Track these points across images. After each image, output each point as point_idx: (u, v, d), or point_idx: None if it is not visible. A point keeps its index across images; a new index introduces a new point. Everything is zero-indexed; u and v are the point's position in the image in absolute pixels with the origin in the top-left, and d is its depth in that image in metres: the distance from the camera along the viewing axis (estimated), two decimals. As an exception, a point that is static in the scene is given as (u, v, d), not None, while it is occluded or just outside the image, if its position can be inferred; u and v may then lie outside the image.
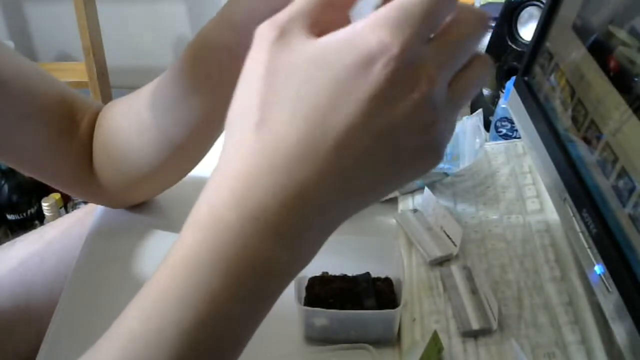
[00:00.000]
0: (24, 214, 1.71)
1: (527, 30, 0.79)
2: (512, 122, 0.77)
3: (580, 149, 0.54)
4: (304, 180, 0.31)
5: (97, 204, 0.74)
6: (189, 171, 0.66)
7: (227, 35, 0.53)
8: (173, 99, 0.58)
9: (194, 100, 0.57)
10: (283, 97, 0.32)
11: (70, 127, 0.64)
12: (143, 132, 0.61)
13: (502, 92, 0.81)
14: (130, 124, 0.63)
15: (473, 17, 0.33)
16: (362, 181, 0.32)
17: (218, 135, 0.61)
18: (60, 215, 1.62)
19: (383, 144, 0.31)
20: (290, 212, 0.31)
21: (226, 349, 0.34)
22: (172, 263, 0.33)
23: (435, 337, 0.53)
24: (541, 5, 0.77)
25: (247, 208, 0.32)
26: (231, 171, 0.33)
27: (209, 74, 0.55)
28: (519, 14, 0.79)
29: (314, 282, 0.60)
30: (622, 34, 0.50)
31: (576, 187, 0.53)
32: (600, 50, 0.53)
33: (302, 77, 0.31)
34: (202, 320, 0.32)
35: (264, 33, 0.33)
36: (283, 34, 0.32)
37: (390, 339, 0.56)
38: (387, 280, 0.60)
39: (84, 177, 0.66)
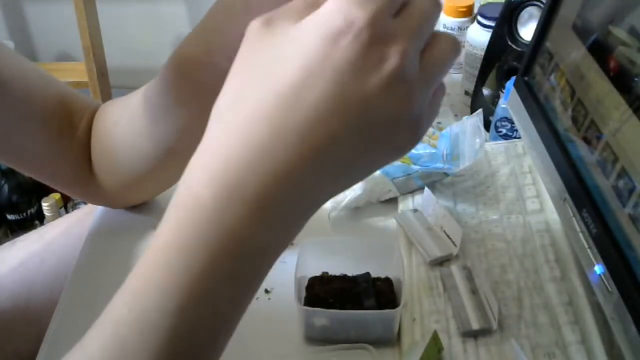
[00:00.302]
0: (24, 214, 1.71)
1: (527, 30, 0.79)
2: (512, 122, 0.77)
3: (580, 149, 0.54)
4: (277, 156, 0.31)
5: (97, 204, 0.74)
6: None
7: (202, 54, 0.53)
8: (161, 108, 0.58)
9: (181, 110, 0.57)
10: (257, 75, 0.32)
11: (69, 127, 0.64)
12: (136, 136, 0.62)
13: (502, 92, 0.81)
14: (124, 127, 0.63)
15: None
16: (338, 157, 0.32)
17: None
18: (60, 215, 1.62)
19: (357, 118, 0.31)
20: (264, 190, 0.31)
21: (213, 332, 0.34)
22: (154, 248, 0.33)
23: (435, 337, 0.53)
24: (541, 5, 0.77)
25: (221, 185, 0.32)
26: (207, 150, 0.33)
27: (197, 88, 0.55)
28: (519, 14, 0.79)
29: (314, 282, 0.60)
30: (622, 34, 0.50)
31: (576, 187, 0.53)
32: (600, 50, 0.53)
33: (276, 55, 0.32)
34: (185, 305, 0.32)
35: (251, 25, 0.33)
36: (268, 23, 0.33)
37: (390, 339, 0.56)
38: (387, 280, 0.60)
39: (83, 178, 0.66)
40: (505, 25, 0.80)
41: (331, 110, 0.31)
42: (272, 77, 0.32)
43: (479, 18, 0.86)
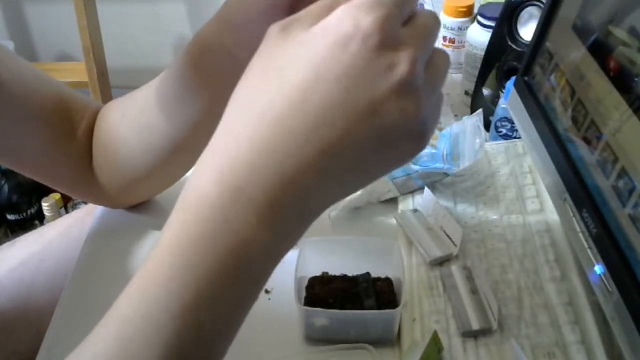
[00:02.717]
0: (24, 214, 1.71)
1: (527, 30, 0.79)
2: (512, 122, 0.77)
3: (580, 149, 0.54)
4: (283, 159, 0.31)
5: (97, 204, 0.74)
6: (189, 170, 0.66)
7: (226, 37, 0.53)
8: (174, 100, 0.58)
9: (194, 101, 0.57)
10: (268, 79, 0.33)
11: (69, 128, 0.64)
12: (142, 134, 0.61)
13: (502, 92, 0.81)
14: (129, 126, 0.62)
15: (429, 12, 0.35)
16: (344, 163, 0.32)
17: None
18: (60, 215, 1.62)
19: (365, 123, 0.31)
20: (270, 191, 0.32)
21: (217, 333, 0.34)
22: (159, 247, 0.34)
23: (435, 337, 0.53)
24: (541, 5, 0.77)
25: (228, 184, 0.32)
26: (216, 149, 0.33)
27: (210, 76, 0.55)
28: (519, 14, 0.79)
29: (314, 282, 0.60)
30: (622, 34, 0.50)
31: (576, 187, 0.53)
32: (600, 50, 0.53)
33: (288, 60, 0.32)
34: (190, 305, 0.32)
35: (270, 29, 0.34)
36: (286, 28, 0.33)
37: (390, 339, 0.56)
38: (387, 280, 0.60)
39: (83, 178, 0.66)
40: (505, 25, 0.80)
41: (339, 115, 0.31)
42: (282, 81, 0.32)
43: (479, 18, 0.86)
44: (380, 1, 0.32)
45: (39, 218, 1.72)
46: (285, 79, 0.32)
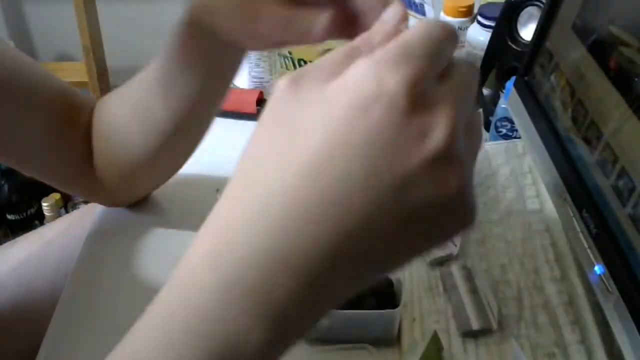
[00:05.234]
0: (24, 214, 1.71)
1: (527, 30, 0.79)
2: (512, 122, 0.77)
3: (580, 149, 0.54)
4: (290, 242, 0.26)
5: (96, 202, 0.74)
6: (185, 161, 0.65)
7: (204, 19, 0.51)
8: (167, 80, 0.56)
9: (187, 81, 0.55)
10: (278, 143, 0.28)
11: (70, 123, 0.64)
12: (141, 117, 0.61)
13: (502, 92, 0.81)
14: (128, 111, 0.62)
15: (466, 62, 0.29)
16: (365, 246, 0.26)
17: (214, 117, 0.60)
18: (60, 215, 1.62)
19: (392, 199, 0.26)
20: (270, 281, 0.26)
21: None
22: (148, 319, 0.29)
23: (435, 337, 0.52)
24: (541, 5, 0.77)
25: (226, 269, 0.27)
26: (216, 225, 0.29)
27: (195, 57, 0.54)
28: (519, 14, 0.79)
29: (314, 282, 0.59)
30: (622, 34, 0.50)
31: (576, 187, 0.53)
32: (600, 50, 0.53)
33: (300, 121, 0.27)
34: None
35: (280, 82, 0.29)
36: (296, 82, 0.28)
37: (390, 339, 0.56)
38: (387, 280, 0.60)
39: (83, 174, 0.66)
40: (505, 25, 0.80)
41: (359, 191, 0.26)
42: (293, 148, 0.27)
43: (479, 18, 0.86)
44: (409, 53, 0.26)
45: (39, 218, 1.72)
46: (297, 146, 0.27)
